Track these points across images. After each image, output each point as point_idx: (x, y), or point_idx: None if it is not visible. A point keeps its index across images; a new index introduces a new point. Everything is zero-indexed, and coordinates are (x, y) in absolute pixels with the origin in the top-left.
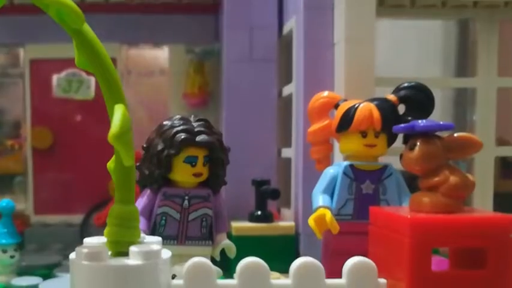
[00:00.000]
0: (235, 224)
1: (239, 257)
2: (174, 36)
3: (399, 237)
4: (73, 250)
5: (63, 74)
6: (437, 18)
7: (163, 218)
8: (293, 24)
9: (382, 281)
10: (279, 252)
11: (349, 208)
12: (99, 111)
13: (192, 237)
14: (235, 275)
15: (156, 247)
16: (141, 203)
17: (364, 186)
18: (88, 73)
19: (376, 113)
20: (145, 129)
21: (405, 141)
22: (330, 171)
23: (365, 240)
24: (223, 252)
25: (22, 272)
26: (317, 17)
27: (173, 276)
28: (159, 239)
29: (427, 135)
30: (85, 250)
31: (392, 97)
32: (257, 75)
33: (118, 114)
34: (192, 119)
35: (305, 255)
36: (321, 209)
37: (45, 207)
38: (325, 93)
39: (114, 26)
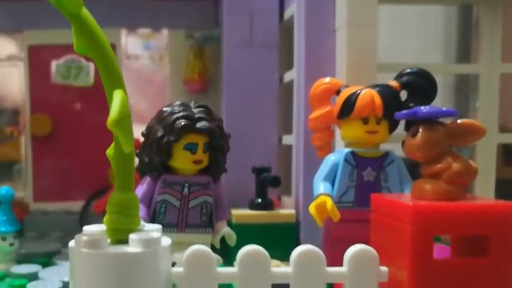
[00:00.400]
0: (236, 212)
1: (239, 245)
2: (173, 21)
3: (401, 225)
4: (72, 238)
5: (62, 60)
6: (440, 3)
7: (163, 205)
8: (294, 9)
9: (384, 269)
10: (280, 240)
11: (350, 195)
12: (98, 98)
13: (192, 225)
14: (235, 263)
15: (155, 235)
16: (140, 190)
17: (366, 174)
18: (87, 59)
19: (377, 100)
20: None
21: (407, 128)
22: (331, 158)
23: (366, 228)
24: (223, 240)
25: (21, 259)
26: (318, 3)
27: (173, 264)
28: (159, 226)
29: (430, 121)
30: (84, 238)
31: (394, 83)
32: (258, 61)
33: (117, 99)
34: (192, 105)
35: (306, 243)
36: (322, 196)
37: (45, 195)
38: (327, 79)
39: (113, 10)
